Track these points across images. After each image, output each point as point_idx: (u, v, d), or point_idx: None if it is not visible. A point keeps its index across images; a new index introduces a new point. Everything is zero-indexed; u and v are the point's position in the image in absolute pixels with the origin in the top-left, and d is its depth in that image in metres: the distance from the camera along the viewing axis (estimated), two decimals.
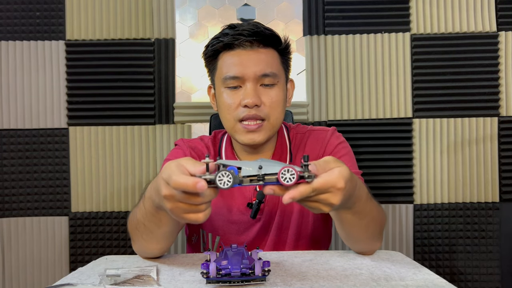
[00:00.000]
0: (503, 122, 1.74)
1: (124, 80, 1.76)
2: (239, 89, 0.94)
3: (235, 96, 0.94)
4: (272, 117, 0.94)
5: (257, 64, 0.93)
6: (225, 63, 0.95)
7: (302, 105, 1.77)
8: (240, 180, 0.58)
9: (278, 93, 0.95)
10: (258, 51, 0.94)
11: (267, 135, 0.95)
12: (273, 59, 0.96)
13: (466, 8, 1.75)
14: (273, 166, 0.58)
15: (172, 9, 1.78)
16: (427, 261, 1.76)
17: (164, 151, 1.75)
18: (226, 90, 0.95)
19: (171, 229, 0.78)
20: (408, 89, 1.76)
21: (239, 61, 0.93)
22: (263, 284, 0.67)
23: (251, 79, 0.92)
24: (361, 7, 1.77)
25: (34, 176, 1.75)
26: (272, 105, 0.94)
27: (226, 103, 0.95)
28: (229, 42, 0.93)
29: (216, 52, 0.97)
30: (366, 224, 0.79)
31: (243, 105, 0.92)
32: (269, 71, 0.93)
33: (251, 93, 0.92)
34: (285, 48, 1.00)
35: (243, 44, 0.93)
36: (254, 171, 0.58)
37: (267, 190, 0.59)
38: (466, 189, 1.75)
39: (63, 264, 1.75)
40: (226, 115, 0.95)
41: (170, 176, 0.59)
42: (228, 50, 0.95)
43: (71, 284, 0.67)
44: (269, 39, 0.95)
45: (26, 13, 1.75)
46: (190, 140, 1.08)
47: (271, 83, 0.94)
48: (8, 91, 1.74)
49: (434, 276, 0.72)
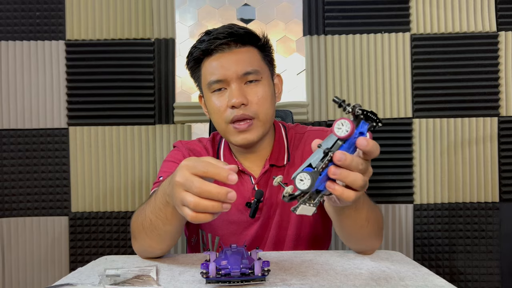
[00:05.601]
0: (503, 122, 1.74)
1: (124, 80, 1.76)
2: (225, 91, 0.95)
3: (221, 99, 0.95)
4: (261, 114, 0.95)
5: (237, 64, 0.94)
6: (207, 69, 0.96)
7: (302, 105, 1.77)
8: (318, 172, 0.58)
9: (264, 89, 0.96)
10: (236, 51, 0.95)
11: (260, 133, 0.96)
12: (253, 56, 0.97)
13: (466, 8, 1.75)
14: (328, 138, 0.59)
15: (172, 9, 1.78)
16: (427, 261, 1.76)
17: (164, 151, 1.75)
18: (213, 94, 0.96)
19: (176, 228, 0.77)
20: (408, 89, 1.76)
21: (220, 65, 0.94)
22: (262, 284, 0.67)
23: (234, 79, 0.93)
24: (361, 7, 1.77)
25: (34, 176, 1.75)
26: (259, 102, 0.94)
27: (214, 107, 0.96)
28: (207, 48, 0.94)
29: (197, 60, 0.98)
30: (365, 218, 0.78)
31: (230, 106, 0.93)
32: (250, 69, 0.94)
33: (236, 93, 0.92)
34: (264, 44, 1.00)
35: (220, 48, 0.94)
36: (319, 154, 0.58)
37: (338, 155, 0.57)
38: (466, 189, 1.75)
39: (63, 264, 1.75)
40: (217, 118, 0.96)
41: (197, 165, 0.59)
42: (208, 56, 0.96)
43: (71, 284, 0.67)
44: (245, 37, 0.96)
45: (26, 13, 1.75)
46: (188, 142, 1.08)
47: (254, 79, 0.95)
48: (8, 91, 1.75)
49: (434, 276, 0.72)
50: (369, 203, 0.80)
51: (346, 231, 0.83)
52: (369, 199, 0.82)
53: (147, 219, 0.77)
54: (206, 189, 0.57)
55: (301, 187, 0.57)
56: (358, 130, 0.59)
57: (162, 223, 0.75)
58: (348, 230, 0.82)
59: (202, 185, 0.58)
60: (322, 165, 0.57)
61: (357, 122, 0.59)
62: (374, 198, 1.84)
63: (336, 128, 0.58)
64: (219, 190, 0.57)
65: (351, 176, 0.58)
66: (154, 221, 0.75)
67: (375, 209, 0.84)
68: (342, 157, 0.57)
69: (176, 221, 0.74)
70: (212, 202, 0.58)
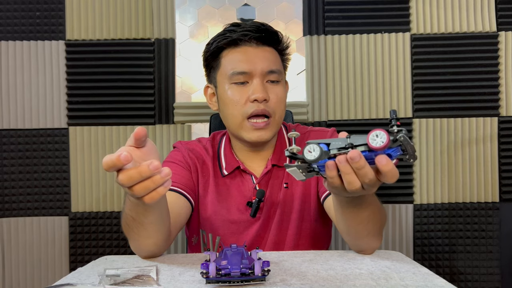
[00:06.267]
0: (503, 122, 1.74)
1: (124, 80, 1.76)
2: (246, 85, 0.95)
3: (242, 92, 0.95)
4: (277, 113, 0.97)
5: (263, 61, 0.95)
6: (231, 59, 0.96)
7: (302, 105, 1.77)
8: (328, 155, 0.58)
9: (282, 90, 0.98)
10: (263, 49, 0.97)
11: (273, 132, 0.98)
12: (276, 58, 0.99)
13: (466, 8, 1.75)
14: (360, 137, 0.58)
15: (172, 9, 1.78)
16: (427, 261, 1.76)
17: (164, 151, 1.75)
18: (232, 86, 0.96)
19: (158, 218, 0.76)
20: (408, 89, 1.76)
21: (246, 58, 0.95)
22: (262, 284, 0.67)
23: (258, 74, 0.94)
24: (361, 7, 1.77)
25: (34, 176, 1.75)
26: (278, 102, 0.96)
27: (233, 99, 0.95)
28: (237, 38, 0.95)
29: (219, 49, 0.98)
30: (367, 216, 0.78)
31: (252, 99, 0.93)
32: (274, 68, 0.96)
33: (260, 88, 0.93)
34: (284, 49, 1.03)
35: (249, 41, 0.96)
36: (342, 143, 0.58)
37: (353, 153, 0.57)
38: (466, 189, 1.75)
39: (63, 264, 1.75)
40: (233, 111, 0.96)
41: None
42: (233, 48, 0.97)
43: (71, 284, 0.67)
44: (273, 37, 0.98)
45: (26, 13, 1.75)
46: (188, 142, 1.09)
47: (276, 79, 0.97)
48: (8, 91, 1.74)
49: (434, 276, 0.72)
50: (375, 205, 0.78)
51: (345, 223, 0.82)
52: (378, 201, 0.80)
53: (129, 217, 0.76)
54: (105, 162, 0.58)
55: (306, 155, 0.57)
56: (389, 151, 0.58)
57: (143, 215, 0.74)
58: (347, 223, 0.81)
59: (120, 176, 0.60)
60: (336, 152, 0.58)
61: (393, 144, 0.57)
62: None
63: (371, 137, 0.56)
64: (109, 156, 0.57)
65: (351, 177, 0.58)
66: (135, 216, 0.75)
67: (380, 211, 0.82)
68: (357, 158, 0.56)
69: (153, 209, 0.73)
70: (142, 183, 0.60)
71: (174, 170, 0.99)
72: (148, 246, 0.82)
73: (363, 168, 0.57)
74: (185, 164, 1.01)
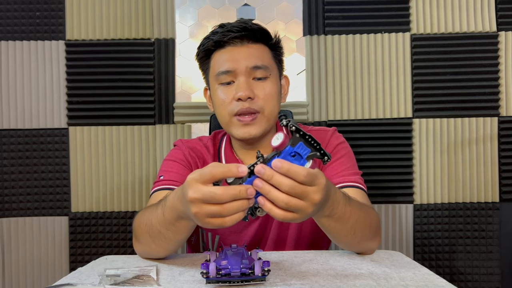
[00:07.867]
0: (503, 122, 1.74)
1: (124, 80, 1.76)
2: (232, 84, 0.96)
3: (228, 91, 0.95)
4: (266, 109, 0.95)
5: (247, 58, 0.95)
6: (217, 60, 0.97)
7: (302, 105, 1.77)
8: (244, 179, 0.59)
9: (271, 86, 0.96)
10: (248, 46, 0.96)
11: (263, 128, 0.96)
12: (264, 53, 0.98)
13: (466, 8, 1.75)
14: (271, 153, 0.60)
15: (172, 9, 1.78)
16: (427, 261, 1.76)
17: (164, 151, 1.75)
18: (219, 86, 0.97)
19: (186, 236, 0.77)
20: (408, 89, 1.76)
21: (230, 57, 0.95)
22: (262, 284, 0.67)
23: (243, 72, 0.94)
24: (361, 7, 1.77)
25: (34, 176, 1.75)
26: (266, 98, 0.95)
27: (220, 99, 0.96)
28: (219, 40, 0.95)
29: (208, 52, 0.99)
30: (351, 228, 0.75)
31: (236, 98, 0.93)
32: (260, 64, 0.95)
33: (243, 86, 0.93)
34: (275, 44, 1.01)
35: (233, 41, 0.95)
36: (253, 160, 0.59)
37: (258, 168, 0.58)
38: (466, 189, 1.75)
39: (63, 264, 1.75)
40: (221, 110, 0.97)
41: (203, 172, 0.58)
42: (220, 49, 0.97)
43: (71, 284, 0.67)
44: (258, 34, 0.97)
45: (26, 13, 1.75)
46: (188, 140, 1.09)
47: (263, 76, 0.96)
48: (8, 91, 1.74)
49: (434, 276, 0.72)
50: (357, 214, 0.75)
51: (333, 237, 0.81)
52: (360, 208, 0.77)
53: (154, 230, 0.75)
54: (229, 193, 0.56)
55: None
56: (295, 149, 0.58)
57: (173, 234, 0.74)
58: (334, 237, 0.80)
59: (222, 191, 0.56)
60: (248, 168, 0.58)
61: (294, 141, 0.58)
62: (374, 198, 1.84)
63: (273, 140, 0.58)
64: (239, 189, 0.57)
65: (272, 194, 0.57)
66: (164, 232, 0.74)
67: (367, 217, 0.79)
68: (261, 170, 0.56)
69: (188, 230, 0.74)
70: (237, 202, 0.57)
71: (175, 168, 0.99)
72: (159, 253, 0.83)
73: (272, 177, 0.56)
74: (186, 163, 1.01)
